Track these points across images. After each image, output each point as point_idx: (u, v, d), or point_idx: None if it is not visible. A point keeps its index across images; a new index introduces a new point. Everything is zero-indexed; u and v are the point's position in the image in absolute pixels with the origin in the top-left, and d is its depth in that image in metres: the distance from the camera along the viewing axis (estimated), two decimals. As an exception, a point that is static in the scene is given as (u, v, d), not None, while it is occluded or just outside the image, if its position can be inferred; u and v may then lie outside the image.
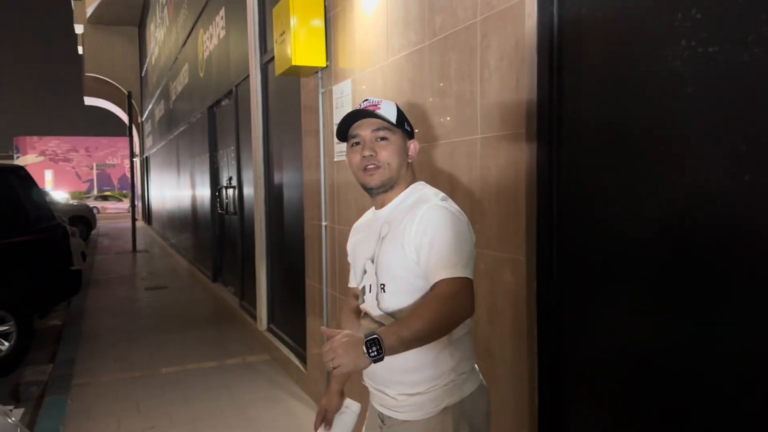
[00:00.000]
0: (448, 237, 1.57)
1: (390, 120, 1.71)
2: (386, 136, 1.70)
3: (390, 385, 1.68)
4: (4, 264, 5.86)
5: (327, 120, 3.99)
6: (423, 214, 1.60)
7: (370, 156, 1.69)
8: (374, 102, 1.73)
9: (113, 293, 9.18)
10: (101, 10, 21.31)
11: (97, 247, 16.20)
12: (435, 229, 1.58)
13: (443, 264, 1.54)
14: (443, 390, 1.63)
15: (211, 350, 5.91)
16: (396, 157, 1.71)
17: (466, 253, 1.59)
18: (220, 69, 8.03)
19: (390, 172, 1.70)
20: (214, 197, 8.81)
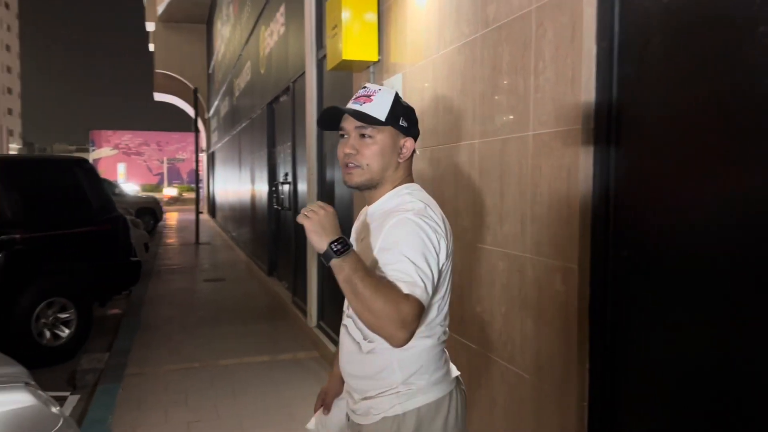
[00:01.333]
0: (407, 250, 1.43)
1: (375, 118, 1.54)
2: (370, 134, 1.55)
3: (353, 390, 1.64)
4: (67, 253, 6.04)
5: (378, 116, 3.89)
6: (392, 223, 1.48)
7: (350, 153, 1.57)
8: (368, 92, 1.58)
9: (173, 284, 9.39)
10: (171, 8, 21.93)
11: (163, 238, 16.70)
12: (399, 238, 1.45)
13: (400, 275, 1.40)
14: (385, 399, 1.55)
15: (263, 344, 5.92)
16: (378, 158, 1.56)
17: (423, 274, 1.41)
18: (279, 65, 8.06)
19: (369, 174, 1.57)
20: (271, 192, 8.88)
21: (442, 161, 2.92)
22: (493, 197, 2.45)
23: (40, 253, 5.77)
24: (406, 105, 1.62)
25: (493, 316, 2.48)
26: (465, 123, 2.68)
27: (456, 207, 2.79)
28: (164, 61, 24.03)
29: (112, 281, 6.55)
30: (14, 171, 5.86)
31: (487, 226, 2.51)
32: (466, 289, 2.71)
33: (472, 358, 2.66)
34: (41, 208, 5.94)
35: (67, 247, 6.04)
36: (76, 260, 6.09)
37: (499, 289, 2.43)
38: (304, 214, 1.41)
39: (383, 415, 1.54)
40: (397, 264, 1.41)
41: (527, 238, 2.20)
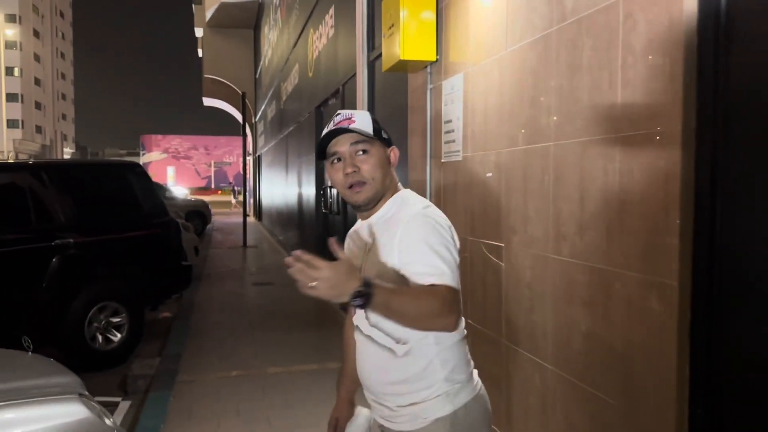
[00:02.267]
0: (433, 244, 1.48)
1: (367, 132, 1.60)
2: (366, 149, 1.60)
3: (386, 398, 1.62)
4: (119, 257, 6.06)
5: (435, 118, 3.72)
6: (407, 223, 1.53)
7: (354, 173, 1.59)
8: (347, 115, 1.63)
9: (222, 287, 9.41)
10: (219, 13, 22.24)
11: (211, 241, 16.87)
12: (419, 235, 1.49)
13: (430, 270, 1.44)
14: (436, 401, 1.56)
15: (312, 352, 5.81)
16: (379, 169, 1.61)
17: (449, 263, 1.47)
18: (328, 68, 7.98)
19: (376, 186, 1.61)
20: (319, 196, 8.80)
21: (509, 166, 2.74)
22: (571, 205, 2.26)
23: (93, 257, 5.80)
24: (377, 120, 1.69)
25: (571, 335, 2.28)
26: (538, 125, 2.49)
27: (525, 215, 2.60)
28: (212, 67, 24.40)
29: (164, 285, 6.55)
30: (68, 176, 5.91)
31: (564, 236, 2.31)
32: (537, 302, 2.52)
33: (546, 377, 2.47)
34: (94, 213, 5.98)
35: (120, 251, 6.06)
36: (128, 264, 6.11)
37: (578, 305, 2.23)
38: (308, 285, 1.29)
39: (435, 417, 1.55)
40: (423, 259, 1.45)
41: (614, 250, 2.00)
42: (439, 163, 3.64)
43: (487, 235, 2.96)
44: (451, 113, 3.43)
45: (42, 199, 5.59)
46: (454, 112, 3.40)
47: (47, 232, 5.48)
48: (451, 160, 3.44)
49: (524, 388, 2.64)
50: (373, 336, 1.59)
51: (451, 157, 3.45)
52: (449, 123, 3.47)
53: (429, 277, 1.42)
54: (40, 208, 5.56)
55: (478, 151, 3.06)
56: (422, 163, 3.89)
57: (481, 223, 3.04)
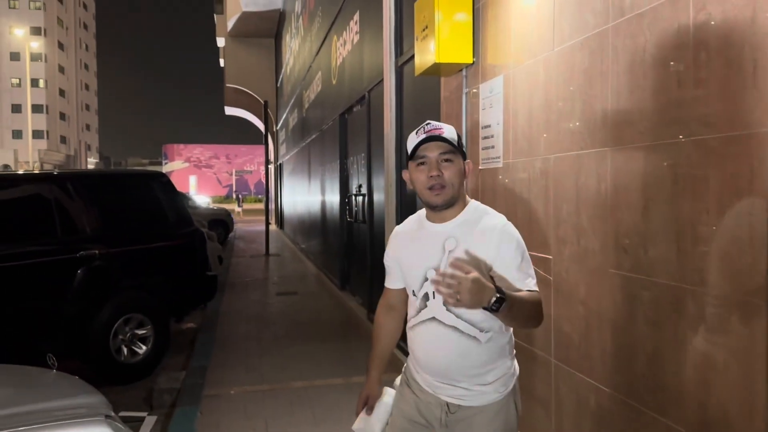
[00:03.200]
0: (524, 254, 1.80)
1: (454, 144, 1.82)
2: (451, 158, 1.81)
3: (464, 379, 1.83)
4: (144, 268, 5.98)
5: (471, 123, 3.56)
6: (500, 232, 1.79)
7: (437, 176, 1.79)
8: (438, 126, 1.83)
9: (247, 297, 9.31)
10: (241, 23, 22.33)
11: (234, 250, 16.84)
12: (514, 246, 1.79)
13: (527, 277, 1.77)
14: (506, 378, 1.86)
15: (339, 364, 5.67)
16: (457, 177, 1.83)
17: (533, 270, 1.83)
18: (352, 75, 7.86)
19: (453, 191, 1.82)
20: (344, 204, 8.67)
21: (558, 172, 2.57)
22: (633, 215, 2.08)
23: (119, 268, 5.72)
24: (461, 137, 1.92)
25: (635, 356, 2.10)
26: (591, 129, 2.32)
27: (578, 225, 2.42)
28: (234, 76, 24.51)
29: (189, 296, 6.46)
30: (93, 186, 5.84)
31: (624, 248, 2.13)
32: (594, 320, 2.34)
33: (603, 401, 2.29)
34: (119, 223, 5.91)
35: (145, 262, 5.98)
36: (154, 275, 6.03)
37: (642, 324, 2.05)
38: (450, 299, 1.53)
39: (507, 390, 1.85)
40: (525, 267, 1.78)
41: (685, 264, 1.82)
42: (477, 170, 3.48)
43: (533, 247, 2.79)
44: (490, 118, 3.27)
45: (67, 209, 5.53)
46: (492, 116, 3.23)
47: (72, 244, 5.40)
48: (490, 167, 3.27)
49: (578, 411, 2.46)
50: (459, 327, 1.80)
51: (489, 163, 3.28)
52: (487, 128, 3.31)
53: (532, 282, 1.76)
54: (65, 219, 5.49)
55: (522, 157, 2.90)
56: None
57: (525, 233, 2.85)
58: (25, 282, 5.06)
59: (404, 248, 1.98)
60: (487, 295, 1.53)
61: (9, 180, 5.66)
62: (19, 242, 5.13)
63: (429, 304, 1.86)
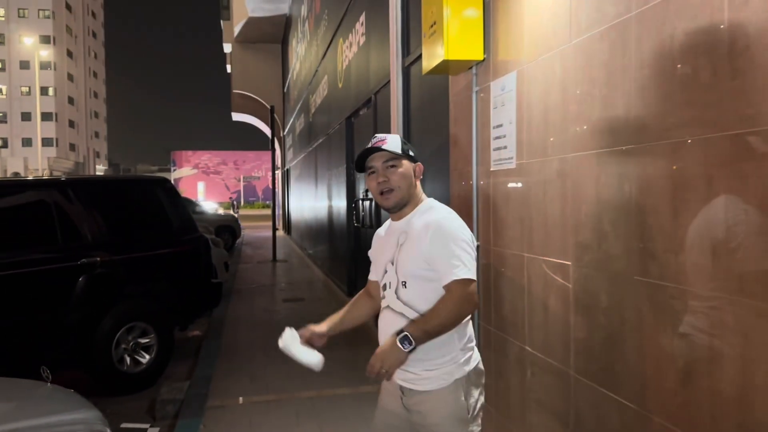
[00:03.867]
0: (455, 245, 1.93)
1: (394, 152, 2.05)
2: (394, 164, 2.05)
3: (412, 363, 1.94)
4: (148, 276, 5.86)
5: (483, 123, 3.41)
6: (434, 227, 1.97)
7: (384, 181, 2.04)
8: (382, 138, 2.08)
9: (253, 304, 9.18)
10: (247, 28, 22.28)
11: (241, 256, 16.73)
12: (444, 238, 1.94)
13: (452, 268, 1.90)
14: (454, 366, 1.98)
15: (346, 373, 5.51)
16: (404, 180, 2.05)
17: (468, 258, 1.94)
18: (359, 78, 7.74)
19: (401, 193, 2.05)
20: (350, 209, 8.54)
21: (578, 173, 2.42)
22: (661, 217, 1.93)
23: (121, 276, 5.61)
24: (407, 142, 2.15)
25: (664, 371, 1.94)
26: (613, 125, 2.17)
27: (600, 229, 2.26)
28: (241, 82, 24.46)
29: (194, 304, 6.33)
30: (94, 192, 5.73)
31: (651, 253, 1.98)
32: (616, 331, 2.18)
33: (628, 419, 2.12)
34: (122, 230, 5.79)
35: (148, 269, 5.86)
36: (157, 283, 5.92)
37: (673, 336, 1.89)
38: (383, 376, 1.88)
39: (454, 378, 1.97)
40: (449, 257, 1.91)
41: (722, 271, 1.66)
42: (488, 172, 3.33)
43: (549, 252, 2.63)
44: (502, 117, 3.12)
45: (68, 216, 5.42)
46: (505, 115, 3.09)
47: (73, 251, 5.29)
48: (502, 168, 3.12)
49: (599, 428, 2.30)
50: (405, 313, 1.99)
51: (501, 164, 3.13)
52: (499, 128, 3.16)
53: (448, 275, 1.90)
54: (66, 226, 5.38)
55: (537, 158, 2.75)
56: (467, 172, 3.58)
57: (541, 237, 2.72)
58: (24, 291, 4.94)
59: (377, 244, 2.26)
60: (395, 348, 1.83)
61: (8, 186, 5.56)
62: (19, 250, 5.02)
63: (386, 294, 2.10)
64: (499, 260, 3.21)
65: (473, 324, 2.14)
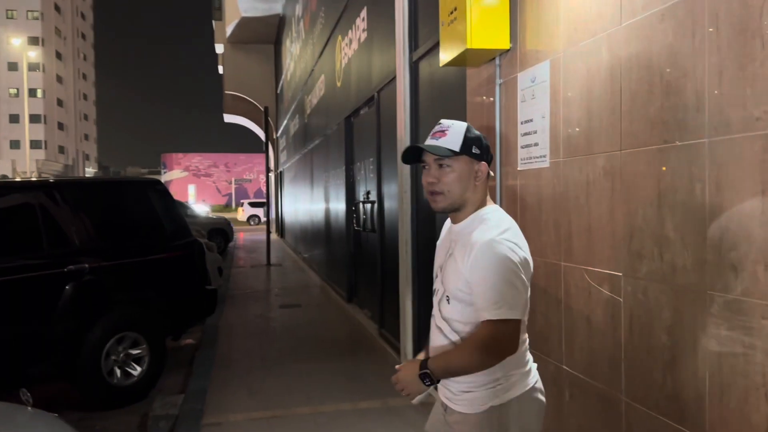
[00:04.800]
0: (496, 277, 1.66)
1: (444, 151, 1.76)
2: (448, 164, 1.78)
3: (448, 382, 1.85)
4: (139, 283, 5.55)
5: (507, 118, 3.13)
6: (477, 250, 1.70)
7: (433, 182, 1.80)
8: (443, 128, 1.81)
9: (248, 310, 8.86)
10: (240, 29, 21.94)
11: (234, 260, 16.39)
12: (485, 268, 1.68)
13: (487, 305, 1.66)
14: (490, 391, 1.78)
15: (349, 387, 5.21)
16: (457, 183, 1.78)
17: (511, 293, 1.66)
18: (360, 75, 7.44)
19: (451, 198, 1.80)
20: (350, 212, 8.24)
21: (631, 173, 2.13)
22: (745, 222, 1.65)
23: (111, 283, 5.29)
24: (477, 134, 1.81)
25: (749, 405, 1.65)
26: (680, 116, 1.89)
27: (662, 236, 1.98)
28: (233, 83, 24.12)
29: (187, 312, 6.01)
30: (82, 195, 5.41)
31: (732, 265, 1.69)
32: (684, 352, 1.90)
33: (698, 455, 1.84)
34: (111, 235, 5.48)
35: (140, 276, 5.54)
36: (149, 291, 5.60)
37: (758, 361, 1.61)
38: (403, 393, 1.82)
39: (489, 405, 1.77)
40: (486, 291, 1.67)
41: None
42: (514, 172, 3.04)
43: (594, 261, 2.35)
44: (532, 111, 2.84)
45: (54, 220, 5.09)
46: (536, 108, 2.80)
47: (60, 257, 4.97)
48: (533, 168, 2.84)
49: (659, 462, 2.01)
50: (443, 330, 1.85)
51: (531, 163, 2.85)
52: (528, 123, 2.88)
53: (484, 312, 1.67)
54: (52, 231, 5.06)
55: (577, 155, 2.46)
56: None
57: (582, 244, 2.43)
58: (6, 300, 4.61)
59: (439, 240, 2.02)
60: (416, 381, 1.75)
61: (-11, 188, 5.22)
62: (0, 257, 4.69)
63: (434, 301, 1.94)
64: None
65: None
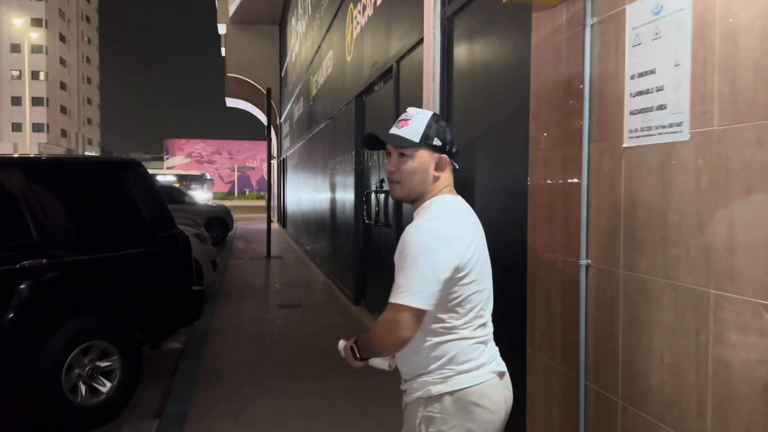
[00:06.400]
0: (405, 262, 1.66)
1: (408, 140, 1.75)
2: (407, 154, 1.77)
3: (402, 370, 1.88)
4: (110, 283, 4.66)
5: (602, 72, 2.19)
6: (405, 235, 1.71)
7: (392, 171, 1.81)
8: (408, 116, 1.80)
9: (243, 310, 7.95)
10: (243, 8, 20.90)
11: (233, 250, 15.48)
12: (399, 252, 1.70)
13: (393, 288, 1.68)
14: (420, 382, 1.79)
15: (357, 414, 4.31)
16: (413, 174, 1.77)
17: (416, 280, 1.64)
18: (374, 45, 6.48)
19: (408, 188, 1.79)
20: (360, 203, 7.30)
21: None
22: None
23: (77, 283, 4.41)
24: (443, 125, 1.80)
25: None
26: None
27: None
28: (236, 65, 23.13)
29: (169, 317, 5.12)
30: (44, 177, 4.51)
31: None
32: None
33: None
34: (79, 225, 4.58)
35: (111, 274, 4.65)
36: (123, 291, 4.72)
37: None
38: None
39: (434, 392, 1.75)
40: (397, 274, 1.68)
41: None
42: (614, 150, 2.11)
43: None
44: (654, 57, 1.90)
45: (6, 207, 4.19)
46: (662, 53, 1.86)
47: (12, 251, 4.08)
48: (655, 142, 1.90)
49: None
50: None
51: (651, 136, 1.91)
52: (647, 77, 1.93)
53: (396, 293, 1.65)
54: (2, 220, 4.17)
55: (753, 120, 1.53)
56: (564, 150, 2.36)
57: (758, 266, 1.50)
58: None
59: None
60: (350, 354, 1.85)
61: None
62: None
63: None
64: (638, 293, 1.99)
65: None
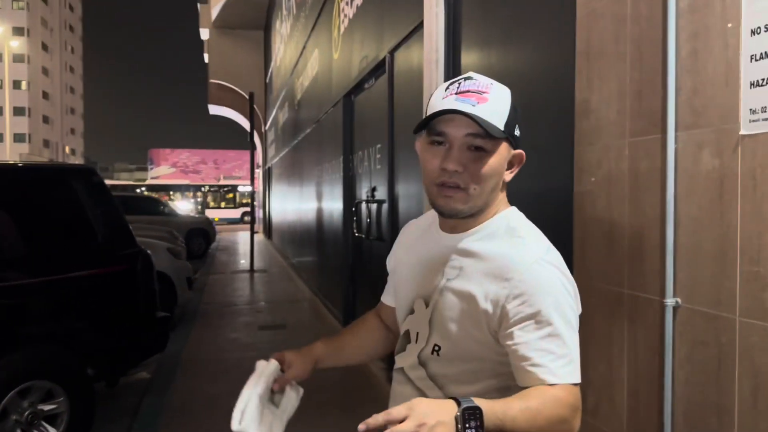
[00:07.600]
0: (556, 315, 1.07)
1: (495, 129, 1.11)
2: (485, 148, 1.13)
3: None
4: (56, 310, 4.00)
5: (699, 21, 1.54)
6: (527, 273, 1.09)
7: (455, 172, 1.13)
8: (480, 86, 1.13)
9: (220, 332, 7.23)
10: (226, 12, 20.23)
11: (214, 263, 14.75)
12: (547, 304, 1.07)
13: (555, 358, 1.05)
14: None
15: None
16: (490, 178, 1.15)
17: (576, 342, 1.09)
18: (364, 37, 5.83)
19: (475, 199, 1.15)
20: (349, 214, 6.62)
21: None
22: None
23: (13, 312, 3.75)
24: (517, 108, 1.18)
25: None
26: None
27: None
28: (219, 71, 22.44)
29: (127, 350, 4.41)
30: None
31: None
32: None
33: None
34: (14, 244, 3.91)
35: (56, 301, 4.00)
36: (72, 320, 4.06)
37: None
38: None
39: None
40: (546, 344, 1.06)
41: None
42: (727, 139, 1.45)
43: None
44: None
45: None
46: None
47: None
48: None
49: None
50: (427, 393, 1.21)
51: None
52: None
53: (552, 377, 1.04)
54: None
55: None
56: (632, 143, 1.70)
57: None
58: None
59: (406, 251, 1.35)
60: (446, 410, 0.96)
61: None
62: None
63: (407, 349, 1.28)
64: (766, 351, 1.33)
65: None
